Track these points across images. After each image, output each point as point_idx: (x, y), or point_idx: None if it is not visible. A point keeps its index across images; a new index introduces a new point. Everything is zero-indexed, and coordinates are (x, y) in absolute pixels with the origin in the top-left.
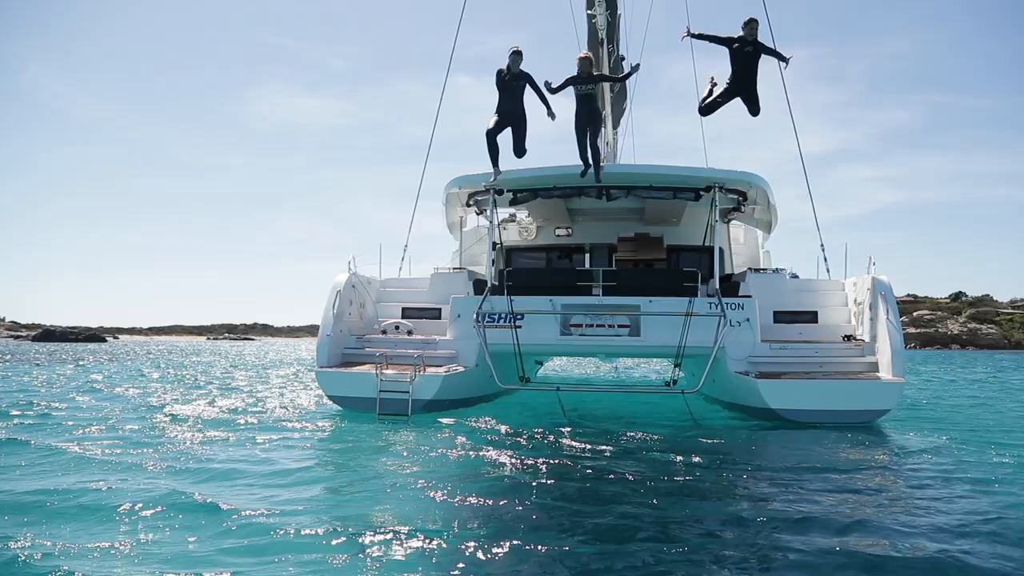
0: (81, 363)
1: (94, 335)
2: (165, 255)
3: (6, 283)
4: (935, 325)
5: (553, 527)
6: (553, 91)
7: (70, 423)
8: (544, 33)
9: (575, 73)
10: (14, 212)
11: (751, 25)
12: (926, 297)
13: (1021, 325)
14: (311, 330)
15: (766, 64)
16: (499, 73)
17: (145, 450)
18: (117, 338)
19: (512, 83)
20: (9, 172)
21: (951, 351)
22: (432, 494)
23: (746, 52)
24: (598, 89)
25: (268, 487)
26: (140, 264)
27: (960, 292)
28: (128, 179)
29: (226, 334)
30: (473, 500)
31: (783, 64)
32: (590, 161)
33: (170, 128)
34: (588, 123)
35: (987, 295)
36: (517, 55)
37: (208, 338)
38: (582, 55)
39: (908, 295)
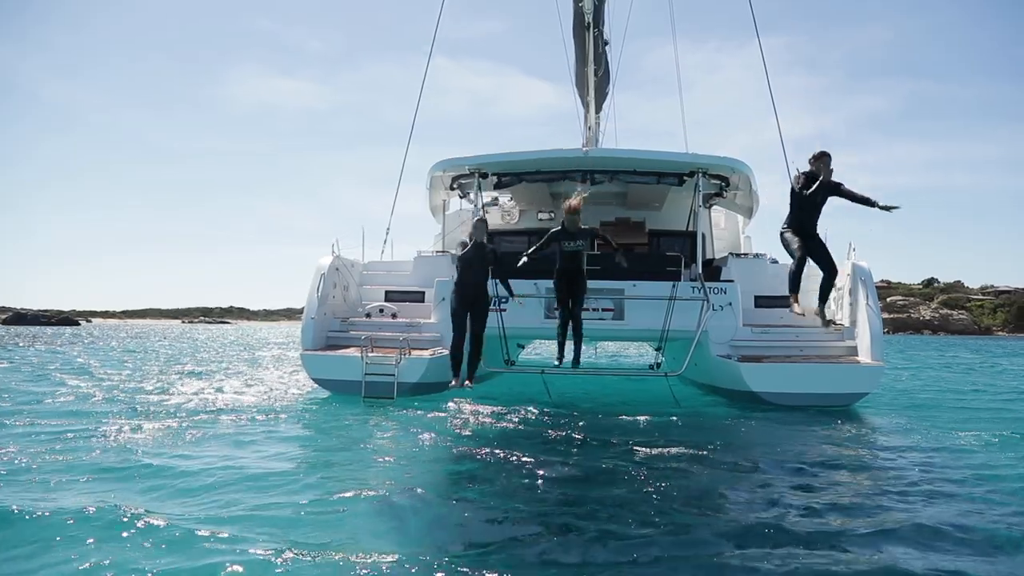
0: (52, 347)
1: (66, 319)
2: (145, 241)
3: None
4: (908, 311)
5: (545, 528)
6: (533, 256)
7: (9, 419)
8: (524, 17)
9: (560, 226)
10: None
11: (822, 160)
12: (899, 283)
13: (991, 311)
14: (287, 314)
15: (746, 51)
16: (461, 245)
17: (94, 446)
18: (90, 321)
19: (474, 260)
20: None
21: (924, 336)
22: (413, 497)
23: (810, 194)
24: (587, 246)
25: (234, 492)
26: (121, 251)
27: (933, 278)
28: (112, 167)
29: (201, 318)
30: (461, 503)
31: (886, 211)
32: (568, 338)
33: (147, 114)
34: (572, 284)
35: (958, 281)
36: (481, 224)
37: (183, 321)
38: (569, 205)
39: (882, 281)
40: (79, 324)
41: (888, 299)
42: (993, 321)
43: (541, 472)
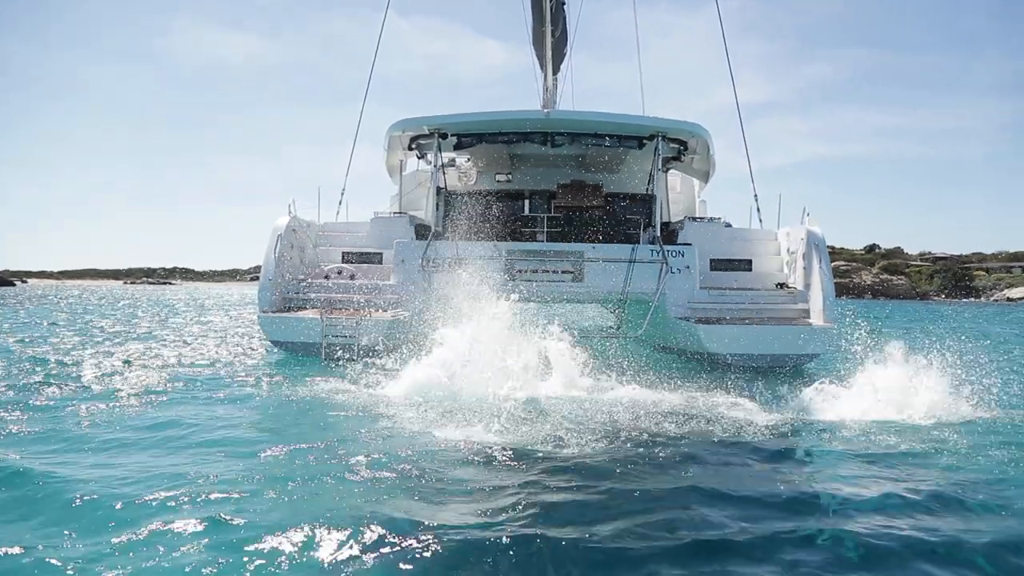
0: None
1: (0, 279)
2: (87, 200)
3: None
4: (850, 276)
5: (511, 518)
6: None
7: None
8: None
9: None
10: None
11: None
12: (842, 248)
13: (928, 277)
14: (234, 275)
15: (699, 13)
16: None
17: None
18: (26, 282)
19: None
20: None
21: (865, 300)
22: (374, 481)
23: None
24: None
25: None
26: (61, 210)
27: (874, 244)
28: (55, 125)
29: (144, 279)
30: (419, 493)
31: None
32: None
33: (91, 68)
34: None
35: (899, 247)
36: None
37: (125, 283)
38: None
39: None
40: (14, 285)
41: (831, 264)
42: (930, 286)
43: (505, 447)
